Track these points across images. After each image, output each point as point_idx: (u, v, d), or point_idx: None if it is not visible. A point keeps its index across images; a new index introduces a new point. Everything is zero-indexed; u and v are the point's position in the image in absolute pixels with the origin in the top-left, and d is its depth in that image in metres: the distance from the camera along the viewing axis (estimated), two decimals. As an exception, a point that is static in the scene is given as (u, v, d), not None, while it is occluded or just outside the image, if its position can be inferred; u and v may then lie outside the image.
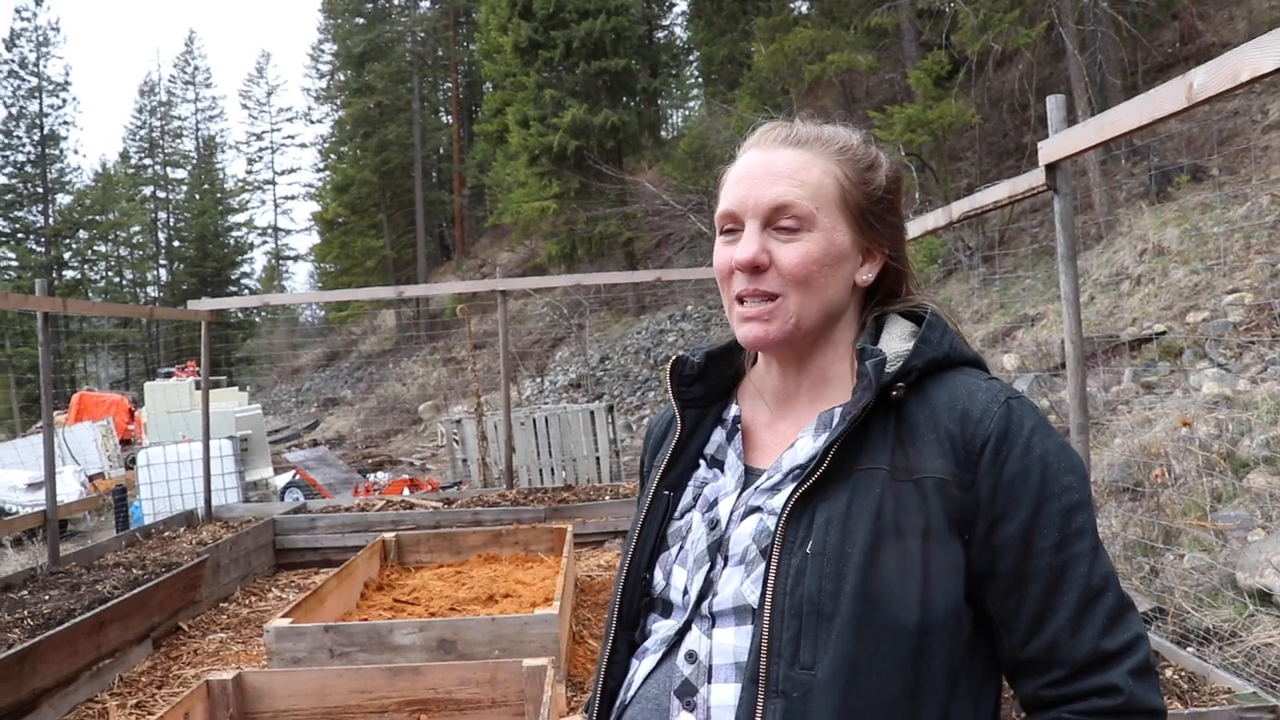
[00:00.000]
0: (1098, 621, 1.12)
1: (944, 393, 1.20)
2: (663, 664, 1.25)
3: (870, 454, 1.17)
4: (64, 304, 7.47)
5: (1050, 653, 1.13)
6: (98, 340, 51.08)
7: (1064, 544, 1.13)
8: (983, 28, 16.90)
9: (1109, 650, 1.11)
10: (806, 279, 1.23)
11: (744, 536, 1.22)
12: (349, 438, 29.41)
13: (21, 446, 18.41)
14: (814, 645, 1.11)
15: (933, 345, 1.23)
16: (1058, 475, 1.15)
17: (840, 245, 1.25)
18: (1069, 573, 1.13)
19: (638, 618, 1.33)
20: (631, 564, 1.34)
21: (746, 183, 1.26)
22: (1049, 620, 1.13)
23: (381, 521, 7.92)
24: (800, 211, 1.23)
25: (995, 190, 4.79)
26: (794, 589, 1.13)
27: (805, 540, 1.14)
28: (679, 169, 26.36)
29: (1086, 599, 1.12)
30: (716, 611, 1.21)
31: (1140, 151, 16.26)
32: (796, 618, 1.12)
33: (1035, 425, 1.17)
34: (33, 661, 4.51)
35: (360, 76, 45.51)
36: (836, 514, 1.15)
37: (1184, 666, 3.76)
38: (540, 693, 3.46)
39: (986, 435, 1.15)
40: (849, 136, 1.32)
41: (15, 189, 49.89)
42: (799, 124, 1.32)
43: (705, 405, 1.40)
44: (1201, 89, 2.92)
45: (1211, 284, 10.83)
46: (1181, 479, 6.50)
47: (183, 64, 63.48)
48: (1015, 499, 1.14)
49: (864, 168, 1.29)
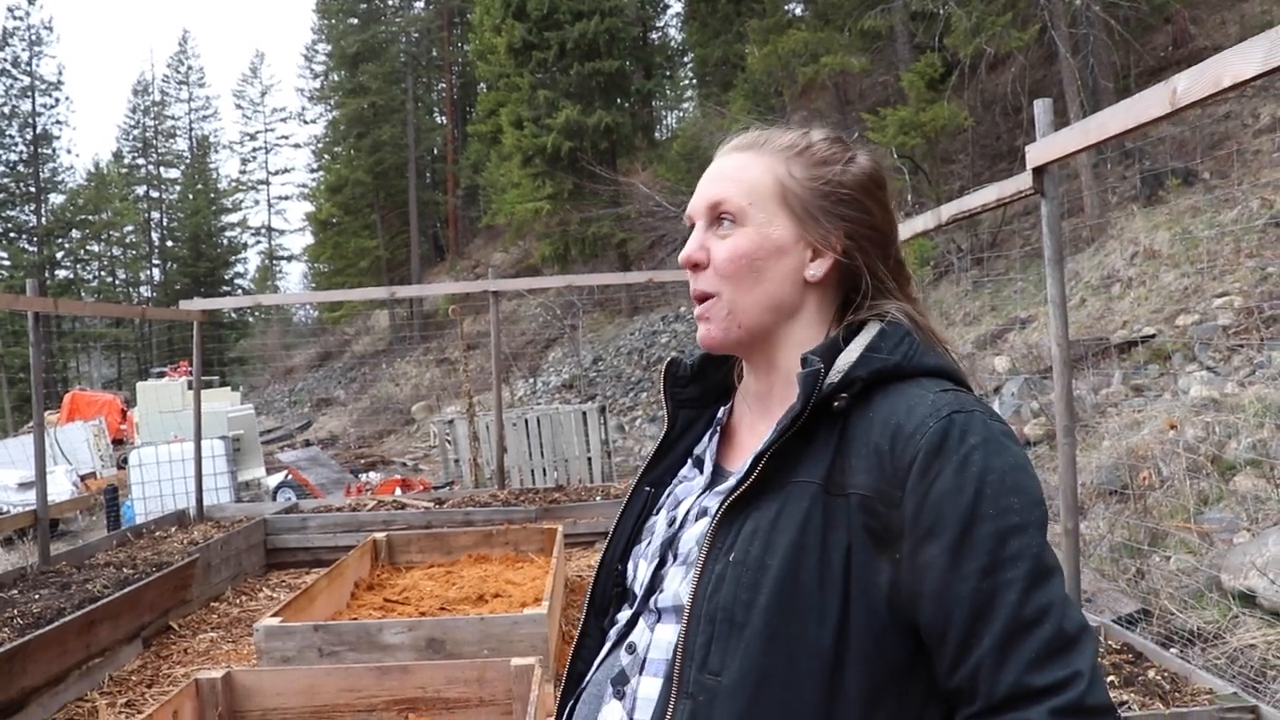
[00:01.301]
0: (1025, 655, 1.02)
1: (885, 406, 1.15)
2: (612, 652, 1.28)
3: (808, 466, 1.14)
4: (56, 304, 7.47)
5: (973, 684, 1.05)
6: (90, 340, 51.00)
7: (993, 569, 1.04)
8: (975, 31, 16.94)
9: (1033, 686, 1.01)
10: (734, 273, 1.23)
11: (691, 538, 1.23)
12: (341, 438, 29.40)
13: (13, 446, 18.42)
14: (723, 652, 1.10)
15: (881, 355, 1.18)
16: (995, 495, 1.06)
17: (776, 239, 1.24)
18: (995, 600, 1.04)
19: (609, 606, 1.36)
20: (607, 554, 1.37)
21: (699, 187, 1.30)
22: (973, 649, 1.04)
23: (373, 521, 7.92)
24: (731, 207, 1.24)
25: (983, 193, 4.81)
26: (713, 595, 1.12)
27: (730, 548, 1.13)
28: (673, 170, 26.39)
29: (1013, 630, 1.03)
30: (660, 607, 1.22)
31: (1131, 155, 16.32)
32: (711, 623, 1.12)
33: (981, 441, 1.09)
34: (22, 660, 4.51)
35: (354, 77, 45.46)
36: (763, 524, 1.13)
37: (1167, 667, 3.79)
38: (528, 692, 3.48)
39: (916, 451, 1.09)
40: (805, 137, 1.29)
41: (8, 188, 49.72)
42: (755, 130, 1.33)
43: (701, 406, 1.40)
44: (1185, 94, 2.95)
45: (1201, 287, 10.88)
46: (1169, 481, 6.54)
47: (176, 63, 63.37)
48: (942, 517, 1.06)
49: (815, 162, 1.26)
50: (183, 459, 11.49)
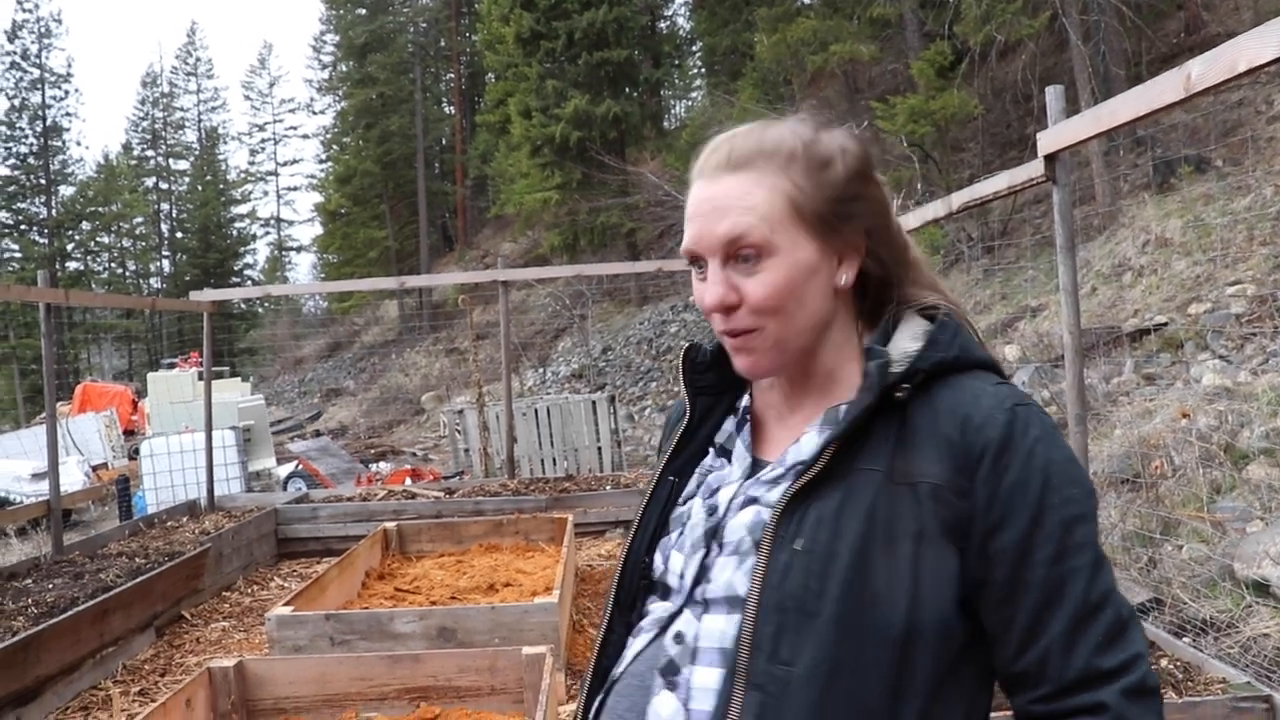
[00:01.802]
0: (1093, 638, 1.09)
1: (949, 397, 1.17)
2: (653, 644, 1.25)
3: (870, 455, 1.15)
4: (67, 295, 7.49)
5: (1041, 667, 1.10)
6: (101, 331, 51.21)
7: (1061, 557, 1.10)
8: (985, 18, 16.85)
9: (1102, 668, 1.08)
10: (778, 308, 1.19)
11: (739, 526, 1.21)
12: (351, 428, 29.48)
13: (26, 437, 18.48)
14: (794, 642, 1.10)
15: (941, 347, 1.20)
16: (1060, 486, 1.11)
17: (806, 262, 1.20)
18: (1065, 587, 1.09)
19: (635, 600, 1.33)
20: (632, 547, 1.33)
21: (698, 221, 1.21)
22: (1042, 634, 1.10)
23: (383, 511, 7.94)
24: (754, 240, 1.17)
25: (994, 181, 4.79)
26: (780, 584, 1.12)
27: (795, 536, 1.13)
28: (681, 160, 26.30)
29: (1082, 614, 1.09)
30: (709, 598, 1.20)
31: (1143, 142, 16.24)
32: (780, 613, 1.11)
33: (1041, 434, 1.14)
34: (36, 649, 4.54)
35: (362, 67, 45.41)
36: (828, 513, 1.13)
37: (1180, 657, 3.78)
38: (539, 680, 3.49)
39: (986, 442, 1.12)
40: (793, 138, 1.23)
41: (18, 180, 49.88)
42: (737, 138, 1.24)
43: (718, 393, 1.38)
44: (1199, 79, 2.93)
45: (1214, 275, 10.83)
46: (1181, 470, 6.52)
47: (185, 55, 63.41)
48: (1013, 508, 1.10)
49: (816, 167, 1.22)
50: (194, 449, 11.51)
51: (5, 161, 50.02)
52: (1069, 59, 17.82)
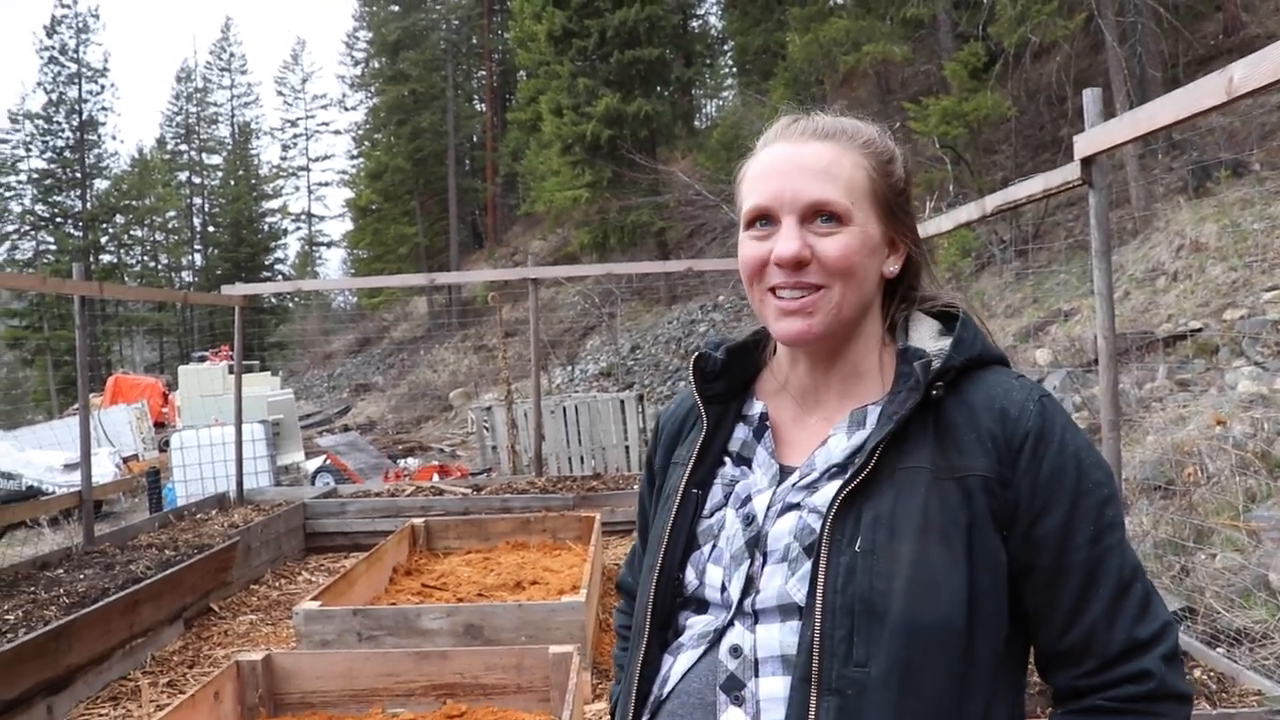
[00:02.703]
0: (1130, 611, 1.15)
1: (980, 391, 1.22)
2: (703, 659, 1.24)
3: (911, 453, 1.19)
4: (101, 288, 7.56)
5: (1087, 643, 1.15)
6: (133, 324, 51.59)
7: (1099, 537, 1.16)
8: (1020, 19, 16.72)
9: (1141, 638, 1.14)
10: (849, 269, 1.23)
11: (783, 533, 1.22)
12: (380, 423, 29.59)
13: (59, 428, 18.69)
14: (867, 643, 1.12)
15: (968, 344, 1.25)
16: (1090, 471, 1.18)
17: (873, 237, 1.26)
18: (1104, 565, 1.15)
19: (669, 617, 1.32)
20: (663, 564, 1.31)
21: (779, 177, 1.25)
22: (1085, 612, 1.15)
23: (411, 507, 7.97)
24: (839, 208, 1.22)
25: (1029, 184, 4.75)
26: (845, 587, 1.13)
27: (854, 538, 1.15)
28: (712, 159, 26.28)
29: (1120, 590, 1.15)
30: (760, 609, 1.20)
31: (1179, 146, 16.07)
32: (849, 615, 1.13)
33: (1066, 423, 1.20)
34: (68, 639, 4.58)
35: (395, 64, 45.61)
36: (884, 512, 1.15)
37: (1214, 667, 3.73)
38: (566, 679, 3.48)
39: (1025, 433, 1.17)
40: (869, 129, 1.31)
41: (54, 174, 50.38)
42: (820, 116, 1.31)
43: (726, 401, 1.39)
44: (1242, 83, 2.88)
45: (1250, 281, 10.70)
46: (1215, 478, 6.43)
47: (219, 50, 63.81)
48: (1054, 495, 1.16)
49: (885, 160, 1.30)
50: (223, 442, 11.61)
51: (42, 155, 50.59)
52: (1104, 61, 17.67)
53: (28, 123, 50.62)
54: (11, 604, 5.23)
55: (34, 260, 48.88)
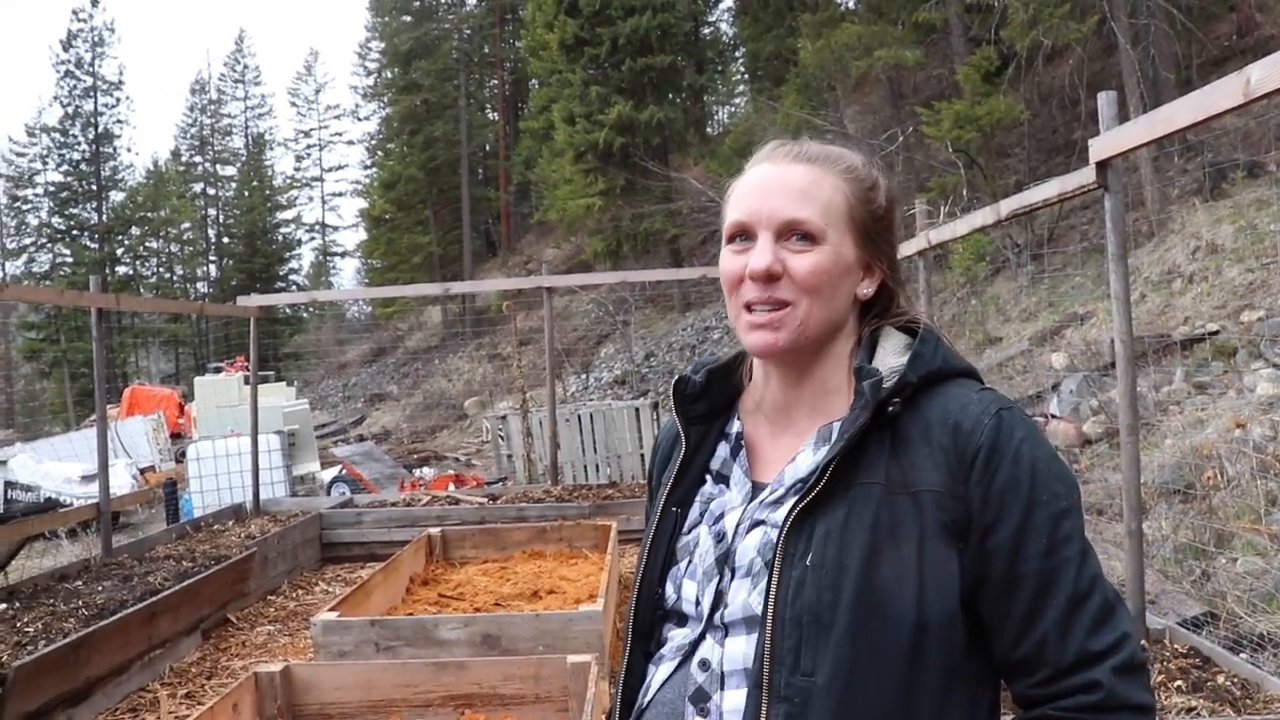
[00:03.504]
0: (1084, 623, 1.16)
1: (937, 406, 1.25)
2: (678, 671, 1.30)
3: (866, 468, 1.22)
4: (118, 300, 7.60)
5: (1039, 654, 1.17)
6: (148, 335, 51.87)
7: (1052, 550, 1.17)
8: (1032, 22, 16.67)
9: (1094, 650, 1.15)
10: (817, 287, 1.27)
11: (749, 549, 1.26)
12: (395, 433, 29.64)
13: (76, 439, 18.74)
14: (814, 653, 1.16)
15: (925, 360, 1.27)
16: (1046, 483, 1.19)
17: (846, 259, 1.31)
18: (1057, 577, 1.17)
19: (652, 629, 1.39)
20: (644, 579, 1.39)
21: (759, 195, 1.31)
22: (1038, 623, 1.17)
23: (427, 517, 7.97)
24: (813, 227, 1.28)
25: (1045, 188, 4.73)
26: (795, 600, 1.18)
27: (805, 553, 1.19)
28: (725, 166, 26.26)
29: (1073, 602, 1.16)
30: (728, 622, 1.26)
31: (1194, 148, 16.00)
32: (797, 627, 1.17)
33: (1025, 436, 1.21)
34: (87, 651, 4.59)
35: (407, 74, 45.77)
36: (835, 527, 1.19)
37: (1237, 673, 3.70)
38: (584, 689, 3.47)
39: (978, 447, 1.19)
40: (854, 158, 1.37)
41: (70, 186, 50.75)
42: (808, 142, 1.37)
43: (709, 421, 1.44)
44: (1259, 84, 2.87)
45: (1267, 282, 10.64)
46: (1235, 481, 6.39)
47: (233, 62, 64.09)
48: (1005, 507, 1.18)
49: (867, 188, 1.35)
50: (239, 453, 11.64)
51: (58, 168, 50.97)
52: (1117, 63, 17.60)
53: (44, 136, 51.12)
54: (31, 616, 5.25)
55: (51, 273, 49.21)
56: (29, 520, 8.49)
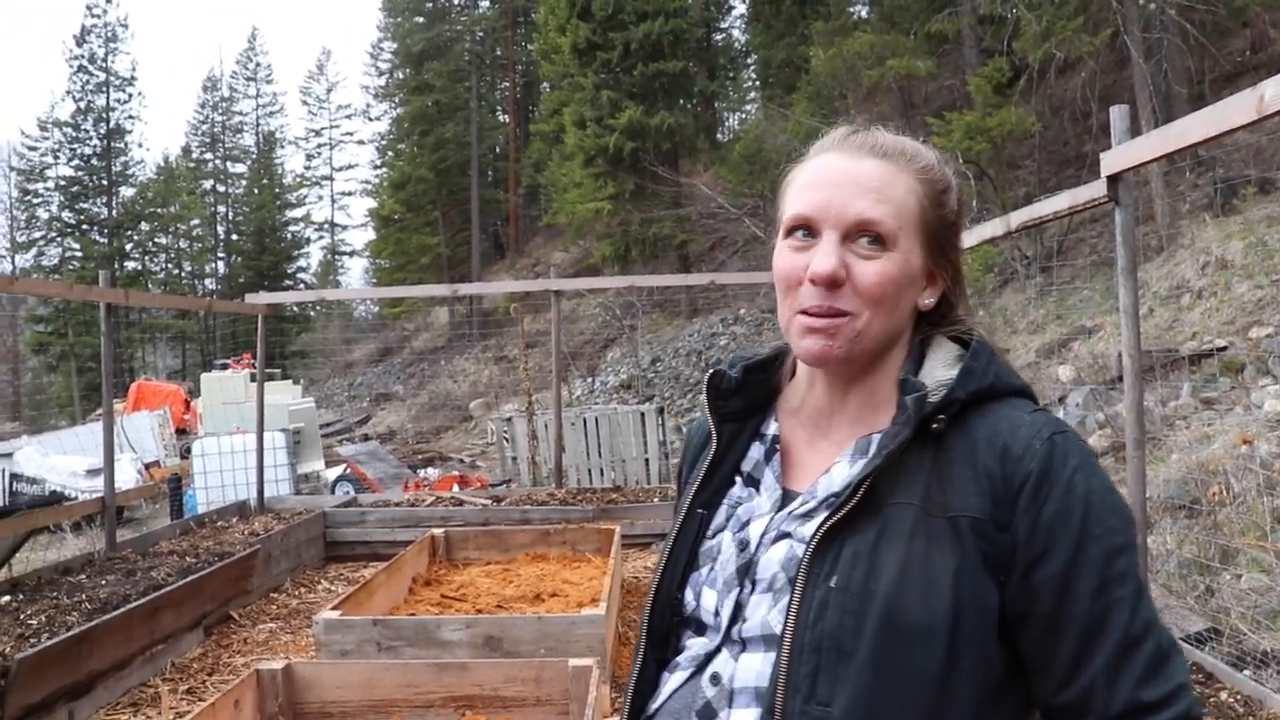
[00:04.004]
0: (1136, 671, 1.06)
1: (985, 426, 1.16)
2: (689, 682, 1.22)
3: (904, 488, 1.13)
4: (126, 295, 7.62)
5: (1085, 701, 1.08)
6: (156, 331, 51.97)
7: (1105, 589, 1.08)
8: (1045, 35, 16.68)
9: (1146, 701, 1.06)
10: (882, 298, 1.17)
11: (772, 563, 1.19)
12: (400, 433, 29.66)
13: (82, 433, 18.80)
14: (832, 681, 1.07)
15: (976, 376, 1.18)
16: (1101, 516, 1.10)
17: (914, 267, 1.21)
18: (1109, 619, 1.07)
19: (668, 635, 1.30)
20: (663, 582, 1.30)
21: (828, 189, 1.19)
22: (1085, 667, 1.08)
23: (431, 517, 7.97)
24: (885, 230, 1.17)
25: (1055, 201, 4.73)
26: (815, 622, 1.10)
27: (830, 573, 1.11)
28: (735, 172, 26.32)
29: (1125, 647, 1.07)
30: (745, 637, 1.18)
31: (1205, 163, 15.98)
32: (816, 652, 1.09)
33: (1080, 464, 1.12)
34: (89, 644, 4.60)
35: (419, 75, 45.87)
36: (864, 548, 1.11)
37: (1240, 689, 3.69)
38: (585, 693, 3.47)
39: (1026, 474, 1.10)
40: (930, 155, 1.26)
41: (81, 181, 50.91)
42: (882, 132, 1.26)
43: (742, 419, 1.35)
44: (1273, 101, 2.87)
45: (1277, 299, 10.62)
46: (1240, 498, 6.38)
47: (245, 60, 64.20)
48: (1054, 540, 1.09)
49: (940, 190, 1.24)
50: (244, 450, 11.66)
51: (69, 162, 51.13)
52: (1129, 76, 17.60)
53: (56, 130, 51.21)
54: (34, 609, 5.25)
55: (60, 267, 49.37)
56: (34, 513, 8.51)
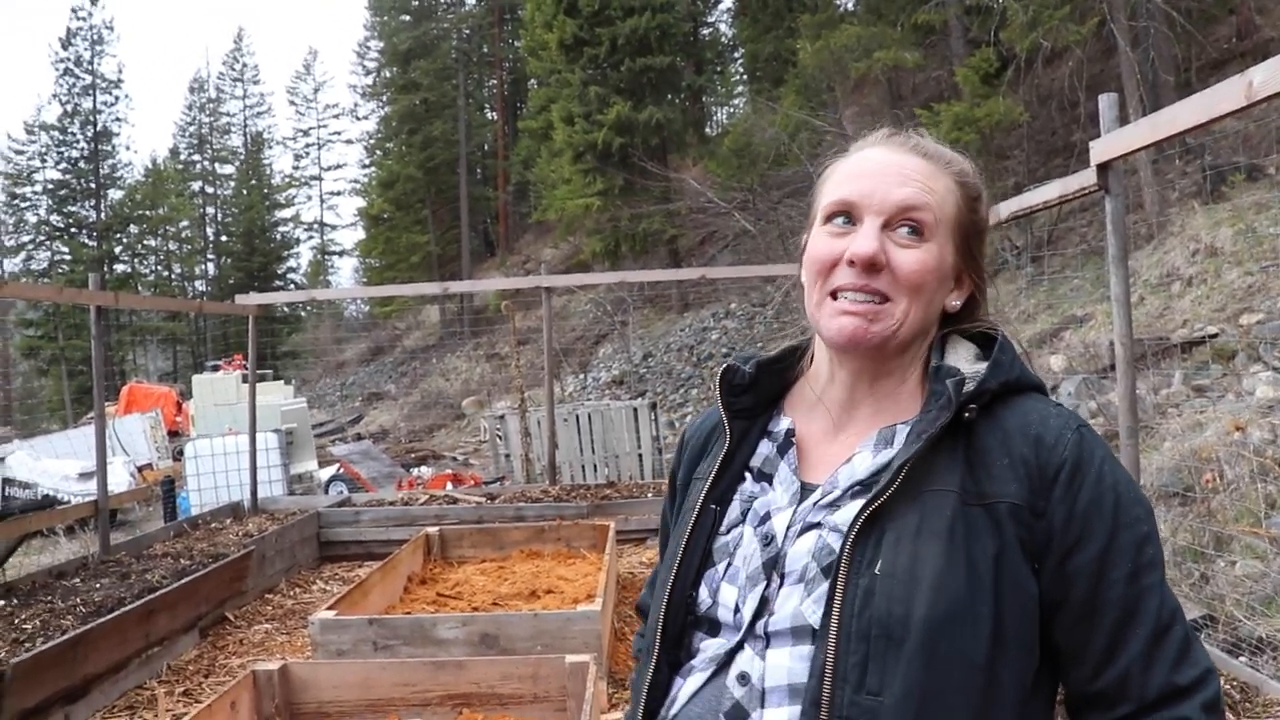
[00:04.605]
0: (1169, 655, 1.09)
1: (1015, 417, 1.18)
2: (710, 684, 1.20)
3: (938, 475, 1.14)
4: (116, 298, 7.59)
5: (1121, 687, 1.10)
6: (147, 333, 51.81)
7: (1137, 575, 1.11)
8: (1032, 24, 16.68)
9: (1181, 684, 1.08)
10: (920, 286, 1.20)
11: (802, 554, 1.17)
12: (392, 432, 29.62)
13: (74, 437, 18.73)
14: (882, 670, 1.07)
15: (1004, 368, 1.21)
16: (1129, 506, 1.13)
17: (947, 264, 1.24)
18: (1142, 605, 1.10)
19: (681, 636, 1.28)
20: (677, 581, 1.27)
21: (873, 178, 1.23)
22: (1120, 653, 1.10)
23: (425, 516, 7.96)
24: (926, 218, 1.21)
25: (1045, 190, 4.73)
26: (862, 611, 1.09)
27: (874, 560, 1.10)
28: (723, 166, 26.31)
29: (1158, 632, 1.10)
30: (772, 631, 1.16)
31: (1194, 150, 16.01)
32: (864, 641, 1.08)
33: (1106, 455, 1.16)
34: (84, 648, 4.58)
35: (406, 73, 45.79)
36: (906, 534, 1.11)
37: (1236, 676, 3.70)
38: (582, 689, 3.46)
39: (1061, 462, 1.13)
40: (966, 163, 1.31)
41: (69, 184, 50.70)
42: (921, 137, 1.32)
43: (752, 416, 1.35)
44: (1262, 87, 2.87)
45: (1266, 285, 10.65)
46: (1234, 484, 6.39)
47: (231, 61, 64.01)
48: (1090, 527, 1.11)
49: (974, 197, 1.29)
50: (237, 451, 11.63)
51: (57, 166, 50.94)
52: (1116, 65, 17.62)
53: (43, 134, 51.03)
54: (29, 613, 5.23)
55: (49, 270, 49.17)
56: (27, 517, 8.49)
